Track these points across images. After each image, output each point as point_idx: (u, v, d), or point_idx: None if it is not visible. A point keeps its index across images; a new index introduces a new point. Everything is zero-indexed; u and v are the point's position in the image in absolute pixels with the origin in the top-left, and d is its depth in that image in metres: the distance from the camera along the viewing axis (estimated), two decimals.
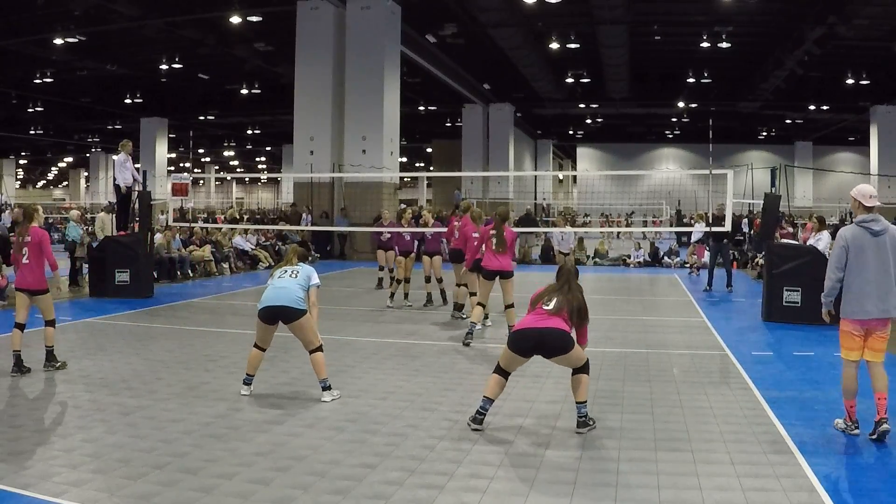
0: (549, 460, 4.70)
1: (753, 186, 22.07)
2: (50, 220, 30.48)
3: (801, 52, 23.64)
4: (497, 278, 8.89)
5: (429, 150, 48.60)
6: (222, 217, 26.41)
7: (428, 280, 11.92)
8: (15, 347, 6.88)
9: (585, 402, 5.25)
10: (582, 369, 5.25)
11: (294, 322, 6.00)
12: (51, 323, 7.05)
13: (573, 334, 5.27)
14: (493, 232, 8.96)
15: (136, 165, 13.42)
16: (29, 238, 7.02)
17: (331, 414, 5.67)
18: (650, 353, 8.28)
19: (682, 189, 30.07)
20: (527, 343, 5.19)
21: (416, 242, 12.84)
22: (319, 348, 6.08)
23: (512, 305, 8.97)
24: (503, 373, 5.31)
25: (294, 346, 6.65)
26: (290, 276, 6.19)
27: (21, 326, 6.98)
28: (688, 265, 19.01)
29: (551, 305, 5.27)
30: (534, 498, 4.11)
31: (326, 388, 6.07)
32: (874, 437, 5.01)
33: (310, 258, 6.81)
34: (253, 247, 19.08)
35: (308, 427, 5.33)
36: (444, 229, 12.19)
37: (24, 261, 7.00)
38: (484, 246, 9.09)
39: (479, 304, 8.91)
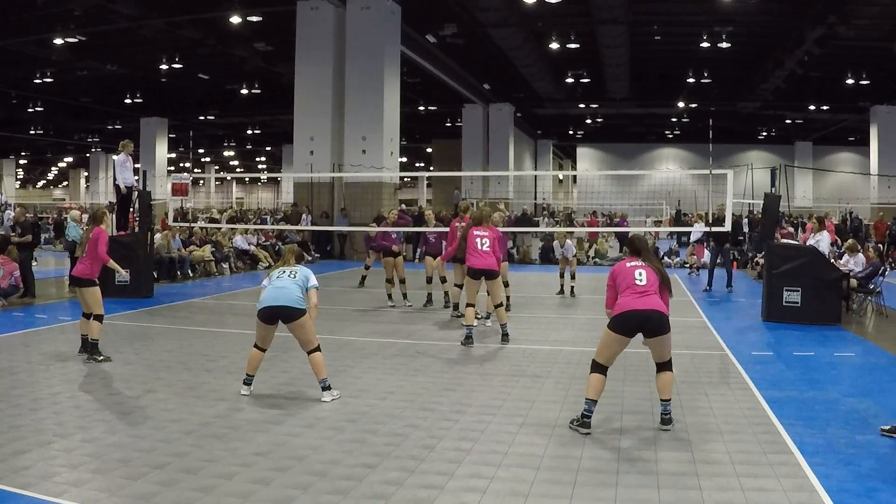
0: (548, 460, 4.70)
1: (753, 186, 22.05)
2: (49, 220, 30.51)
3: (801, 52, 23.64)
4: (483, 278, 8.71)
5: (429, 150, 48.59)
6: (205, 214, 26.32)
7: (429, 281, 11.92)
8: (82, 332, 7.77)
9: (670, 399, 5.38)
10: (667, 366, 5.38)
11: (294, 322, 6.01)
12: (97, 317, 7.58)
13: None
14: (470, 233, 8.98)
15: (136, 165, 13.42)
16: (90, 236, 7.92)
17: (331, 414, 5.67)
18: (650, 353, 8.26)
19: (682, 189, 30.05)
20: (630, 324, 5.32)
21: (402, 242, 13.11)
22: (318, 348, 6.09)
23: (501, 305, 8.90)
24: (602, 369, 5.39)
25: (294, 346, 6.65)
26: (289, 276, 6.20)
27: (86, 315, 7.73)
28: (687, 265, 19.02)
29: (644, 280, 5.38)
30: (534, 498, 4.11)
31: (326, 388, 6.07)
32: None
33: (305, 259, 6.84)
34: (254, 245, 19.07)
35: (308, 427, 5.33)
36: (446, 229, 12.19)
37: (81, 254, 7.84)
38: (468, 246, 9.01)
39: (469, 304, 8.83)
